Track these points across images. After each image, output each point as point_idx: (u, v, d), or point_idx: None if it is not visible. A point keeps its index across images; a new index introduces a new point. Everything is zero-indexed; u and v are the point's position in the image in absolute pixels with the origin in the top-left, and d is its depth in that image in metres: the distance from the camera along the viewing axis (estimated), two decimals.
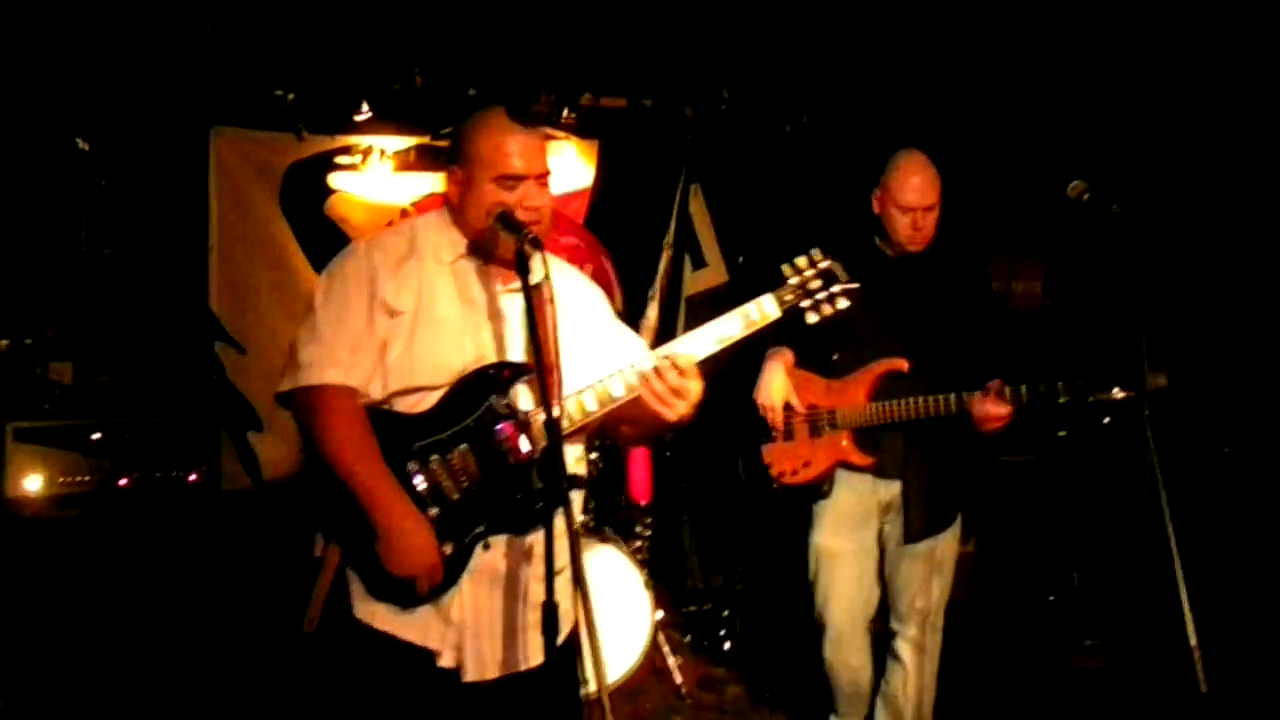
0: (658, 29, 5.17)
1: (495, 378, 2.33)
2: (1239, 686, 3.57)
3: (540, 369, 2.14)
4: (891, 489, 3.39)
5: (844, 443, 3.36)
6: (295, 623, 2.36)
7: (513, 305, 2.39)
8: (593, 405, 2.32)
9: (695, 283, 6.04)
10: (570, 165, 5.73)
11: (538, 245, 2.22)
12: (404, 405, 2.34)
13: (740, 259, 6.08)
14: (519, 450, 2.30)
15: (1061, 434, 5.43)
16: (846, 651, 3.51)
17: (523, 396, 2.35)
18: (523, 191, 2.31)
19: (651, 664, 4.49)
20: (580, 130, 5.68)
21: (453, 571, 2.31)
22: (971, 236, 5.97)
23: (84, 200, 5.06)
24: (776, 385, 3.37)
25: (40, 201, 4.97)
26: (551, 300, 2.17)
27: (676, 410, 2.29)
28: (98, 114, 4.99)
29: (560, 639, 2.30)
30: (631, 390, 2.30)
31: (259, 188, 5.30)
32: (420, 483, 2.31)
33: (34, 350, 4.74)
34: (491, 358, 2.34)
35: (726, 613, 5.06)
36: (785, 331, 3.20)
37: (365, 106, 5.23)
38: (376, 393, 2.33)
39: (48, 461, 4.06)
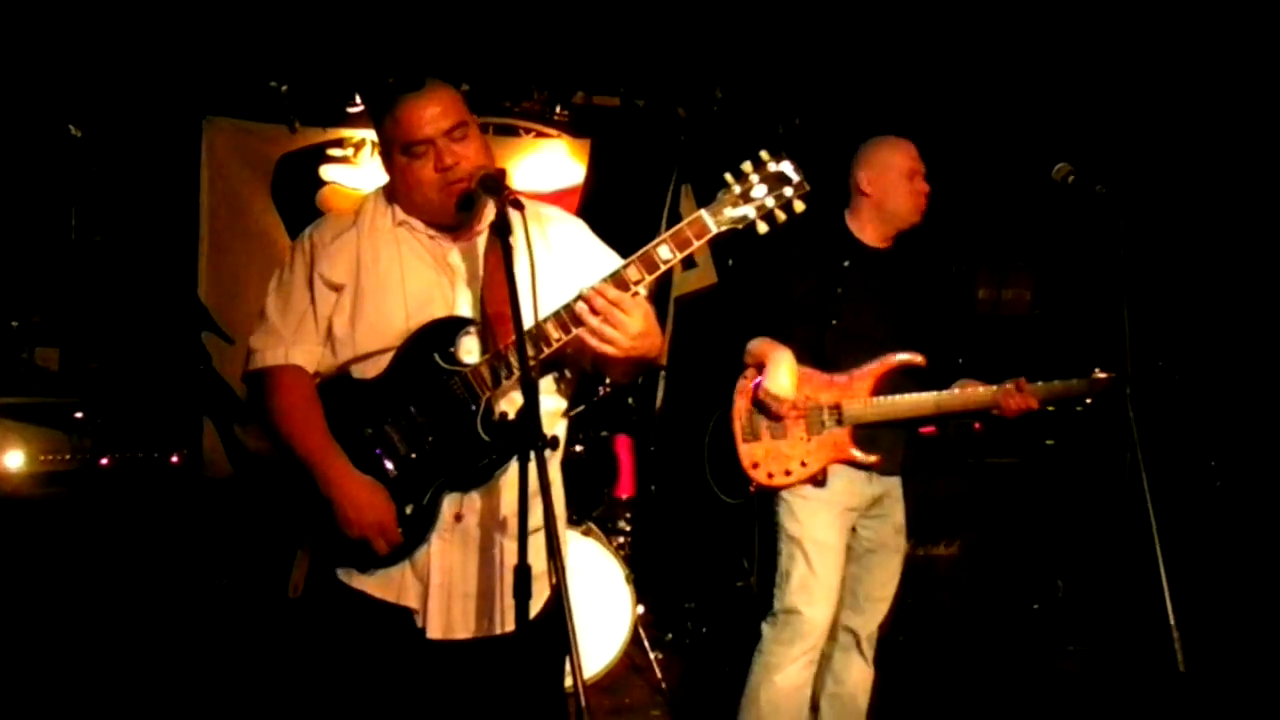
0: (651, 28, 5.19)
1: (437, 335, 2.33)
2: (1217, 669, 3.56)
3: (517, 322, 2.10)
4: (883, 484, 3.28)
5: (845, 440, 3.19)
6: (279, 590, 2.39)
7: (462, 259, 2.39)
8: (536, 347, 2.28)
9: (685, 283, 6.00)
10: (562, 163, 5.73)
11: (519, 206, 2.23)
12: (359, 371, 2.35)
13: (730, 261, 6.07)
14: (468, 404, 2.30)
15: (1049, 442, 5.43)
16: (815, 660, 3.22)
17: (469, 350, 2.33)
18: (433, 156, 2.29)
19: (631, 659, 4.47)
20: (572, 128, 5.71)
21: (419, 530, 2.32)
22: (961, 243, 6.06)
23: (75, 186, 5.06)
24: (790, 374, 3.13)
25: (31, 187, 4.98)
26: (531, 252, 2.13)
27: (615, 343, 2.24)
28: (90, 101, 5.00)
29: (537, 608, 2.27)
30: (566, 330, 2.27)
31: (251, 178, 5.31)
32: (376, 446, 2.33)
33: (20, 334, 4.72)
34: (440, 314, 2.34)
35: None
36: (769, 326, 3.21)
37: (358, 99, 5.25)
38: (329, 365, 2.37)
39: (29, 438, 4.05)
